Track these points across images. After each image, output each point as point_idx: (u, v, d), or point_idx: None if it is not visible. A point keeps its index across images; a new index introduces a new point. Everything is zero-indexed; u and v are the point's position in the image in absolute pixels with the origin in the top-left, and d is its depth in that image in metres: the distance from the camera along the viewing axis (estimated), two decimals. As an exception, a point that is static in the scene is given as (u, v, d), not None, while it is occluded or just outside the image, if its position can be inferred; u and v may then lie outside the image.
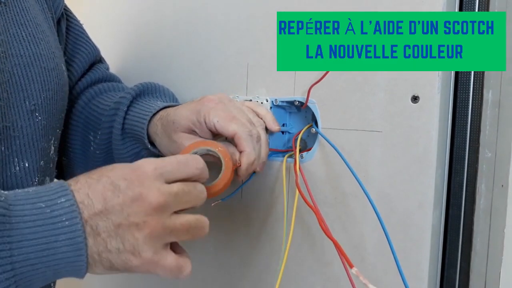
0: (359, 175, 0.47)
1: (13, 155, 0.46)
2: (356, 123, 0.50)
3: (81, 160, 0.63)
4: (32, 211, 0.35)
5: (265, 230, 0.57)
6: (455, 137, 0.49)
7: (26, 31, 0.49)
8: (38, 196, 0.36)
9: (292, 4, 0.54)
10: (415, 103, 0.46)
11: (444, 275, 0.50)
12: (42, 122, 0.49)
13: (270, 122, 0.54)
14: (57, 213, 0.35)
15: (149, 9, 0.70)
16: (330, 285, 0.52)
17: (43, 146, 0.49)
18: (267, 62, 0.56)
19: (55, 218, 0.35)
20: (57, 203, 0.36)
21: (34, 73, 0.48)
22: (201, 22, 0.63)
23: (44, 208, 0.35)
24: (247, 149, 0.48)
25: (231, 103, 0.52)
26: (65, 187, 0.37)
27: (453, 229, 0.49)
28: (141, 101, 0.59)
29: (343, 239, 0.50)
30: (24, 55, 0.47)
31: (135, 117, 0.56)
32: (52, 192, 0.36)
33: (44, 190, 0.37)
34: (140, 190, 0.38)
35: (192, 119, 0.50)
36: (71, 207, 0.36)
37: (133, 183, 0.38)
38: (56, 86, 0.51)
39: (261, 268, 0.58)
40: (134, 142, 0.58)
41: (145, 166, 0.39)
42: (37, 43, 0.49)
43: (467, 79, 0.48)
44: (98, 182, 0.38)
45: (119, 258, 0.37)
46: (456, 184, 0.49)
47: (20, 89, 0.47)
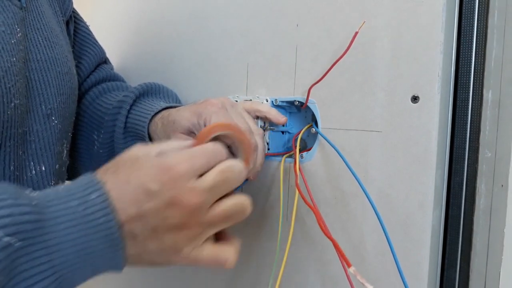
0: (359, 175, 0.47)
1: (29, 159, 0.47)
2: (356, 123, 0.50)
3: (85, 160, 0.63)
4: (66, 211, 0.34)
5: (264, 230, 0.57)
6: (455, 137, 0.49)
7: (43, 36, 0.49)
8: (69, 194, 0.35)
9: (292, 4, 0.54)
10: (415, 103, 0.46)
11: (444, 275, 0.50)
12: (58, 126, 0.50)
13: (276, 116, 0.54)
14: (90, 211, 0.35)
15: (149, 10, 0.70)
16: (329, 285, 0.52)
17: (58, 150, 0.50)
18: (267, 62, 0.56)
19: (89, 216, 0.34)
20: (89, 199, 0.35)
21: (50, 77, 0.49)
22: (201, 22, 0.63)
23: (77, 207, 0.34)
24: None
25: (233, 109, 0.51)
26: (95, 181, 0.36)
27: (453, 229, 0.49)
28: (144, 100, 0.59)
29: (343, 239, 0.50)
30: (41, 59, 0.48)
31: (137, 115, 0.57)
32: (83, 188, 0.36)
33: (75, 187, 0.36)
34: (174, 194, 0.36)
35: (192, 121, 0.50)
36: (104, 203, 0.35)
37: (165, 186, 0.36)
38: (69, 90, 0.52)
39: (261, 268, 0.58)
40: (136, 141, 0.58)
41: (176, 165, 0.37)
42: (53, 48, 0.50)
43: (467, 79, 0.48)
44: (128, 184, 0.36)
45: (159, 256, 0.38)
46: (456, 184, 0.49)
47: (37, 94, 0.47)
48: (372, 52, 0.48)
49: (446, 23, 0.45)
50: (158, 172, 0.37)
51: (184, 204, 0.36)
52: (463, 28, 0.48)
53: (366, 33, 0.48)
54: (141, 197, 0.36)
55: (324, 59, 0.51)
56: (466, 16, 0.48)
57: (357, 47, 0.48)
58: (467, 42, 0.48)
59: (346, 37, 0.49)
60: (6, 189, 0.34)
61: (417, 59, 0.46)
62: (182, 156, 0.38)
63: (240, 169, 0.39)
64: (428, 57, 0.45)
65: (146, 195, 0.36)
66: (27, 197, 0.34)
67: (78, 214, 0.34)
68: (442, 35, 0.44)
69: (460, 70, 0.48)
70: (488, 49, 0.47)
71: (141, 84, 0.60)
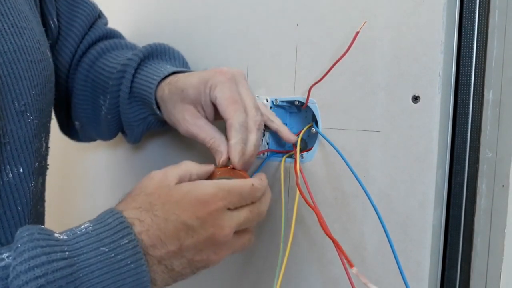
0: (360, 175, 0.47)
1: (5, 162, 0.42)
2: (357, 123, 0.49)
3: (94, 123, 0.62)
4: (97, 258, 0.35)
5: (264, 230, 0.57)
6: (456, 137, 0.49)
7: (8, 22, 0.43)
8: (99, 240, 0.36)
9: (292, 4, 0.54)
10: (416, 103, 0.46)
11: (445, 275, 0.49)
12: (34, 121, 0.45)
13: (287, 133, 0.53)
14: (121, 257, 0.36)
15: (149, 10, 0.70)
16: (330, 285, 0.52)
17: (36, 147, 0.46)
18: (267, 62, 0.56)
19: (121, 263, 0.36)
20: (119, 245, 0.36)
21: (20, 69, 0.43)
22: (201, 22, 0.63)
23: (108, 253, 0.35)
24: (232, 140, 0.46)
25: (241, 84, 0.49)
26: (125, 224, 0.37)
27: (453, 229, 0.49)
28: (149, 64, 0.56)
29: (344, 239, 0.50)
30: (8, 50, 0.42)
31: (143, 80, 0.54)
32: (113, 232, 0.37)
33: (104, 230, 0.37)
34: (213, 231, 0.40)
35: (199, 89, 0.49)
36: (134, 249, 0.36)
37: (206, 223, 0.39)
38: (44, 79, 0.46)
39: (261, 268, 0.58)
40: (142, 107, 0.56)
41: (216, 202, 0.40)
42: (21, 34, 0.44)
43: (468, 79, 0.48)
44: (167, 222, 0.38)
45: (193, 274, 0.42)
46: (457, 184, 0.49)
47: (7, 90, 0.42)
48: (372, 52, 0.48)
49: (447, 23, 0.45)
50: (196, 209, 0.39)
51: (220, 239, 0.40)
52: (463, 28, 0.48)
53: (366, 33, 0.48)
54: (181, 234, 0.38)
55: (325, 59, 0.51)
56: (467, 16, 0.48)
57: (358, 46, 0.48)
58: (468, 42, 0.48)
59: (346, 37, 0.49)
60: (37, 242, 0.34)
61: (417, 59, 0.46)
62: (220, 190, 0.41)
63: (262, 211, 0.45)
64: (429, 57, 0.45)
65: (186, 232, 0.39)
66: (58, 248, 0.34)
67: (109, 261, 0.35)
68: (443, 34, 0.44)
69: (460, 70, 0.48)
70: (489, 49, 0.47)
71: (145, 46, 0.57)
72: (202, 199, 0.39)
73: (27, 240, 0.34)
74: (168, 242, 0.38)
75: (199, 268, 0.42)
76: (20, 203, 0.44)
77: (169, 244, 0.38)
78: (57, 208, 0.85)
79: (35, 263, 0.32)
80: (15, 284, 0.32)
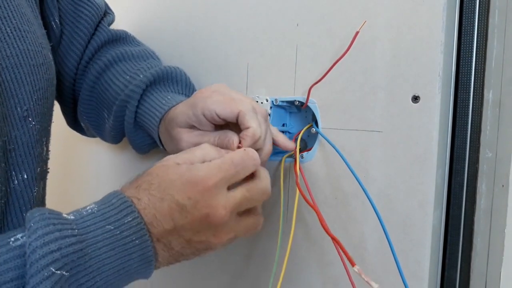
0: (359, 175, 0.47)
1: (11, 169, 0.42)
2: (356, 123, 0.49)
3: (99, 129, 0.63)
4: (103, 235, 0.37)
5: (265, 230, 0.57)
6: (456, 137, 0.49)
7: (11, 25, 0.42)
8: (104, 219, 0.37)
9: (292, 4, 0.54)
10: (416, 103, 0.46)
11: (445, 275, 0.49)
12: (36, 126, 0.45)
13: (283, 141, 0.51)
14: (126, 234, 0.37)
15: (149, 9, 0.70)
16: (330, 285, 0.52)
17: (38, 152, 0.46)
18: (267, 62, 0.56)
19: (126, 239, 0.37)
20: (124, 222, 0.37)
21: (23, 73, 0.43)
22: (201, 21, 0.63)
23: (114, 230, 0.37)
24: (253, 124, 0.45)
25: (229, 90, 0.49)
26: (128, 203, 0.38)
27: (453, 229, 0.49)
28: (152, 94, 0.56)
29: (343, 239, 0.50)
30: (11, 55, 0.42)
31: (146, 113, 0.55)
32: (117, 211, 0.38)
33: (108, 210, 0.38)
34: (207, 211, 0.39)
35: (188, 113, 0.48)
36: (138, 226, 0.38)
37: (198, 203, 0.39)
38: (46, 83, 0.46)
39: (261, 268, 0.58)
40: (147, 136, 0.58)
41: (205, 180, 0.39)
42: (24, 38, 0.44)
43: (468, 79, 0.48)
44: (163, 201, 0.39)
45: (194, 256, 0.42)
46: (457, 184, 0.49)
47: (11, 95, 0.41)
48: (372, 52, 0.48)
49: (447, 23, 0.45)
50: (188, 189, 0.39)
51: (216, 219, 0.40)
52: (463, 28, 0.48)
53: (366, 32, 0.48)
54: (175, 214, 0.39)
55: (325, 59, 0.51)
56: (467, 16, 0.48)
57: (358, 46, 0.48)
58: (468, 42, 0.48)
59: (346, 37, 0.49)
60: (49, 220, 0.35)
61: (417, 59, 0.46)
62: (211, 169, 0.40)
63: (265, 187, 0.43)
64: (429, 57, 0.45)
65: (180, 212, 0.39)
66: (68, 225, 0.36)
67: (115, 237, 0.37)
68: (443, 35, 0.44)
69: (460, 70, 0.48)
70: (488, 49, 0.47)
71: (146, 75, 0.56)
72: (193, 179, 0.39)
73: (39, 219, 0.35)
74: (163, 221, 0.39)
75: (200, 250, 0.42)
76: (26, 209, 0.44)
77: (164, 223, 0.39)
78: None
79: (49, 238, 0.34)
80: (33, 258, 0.33)
